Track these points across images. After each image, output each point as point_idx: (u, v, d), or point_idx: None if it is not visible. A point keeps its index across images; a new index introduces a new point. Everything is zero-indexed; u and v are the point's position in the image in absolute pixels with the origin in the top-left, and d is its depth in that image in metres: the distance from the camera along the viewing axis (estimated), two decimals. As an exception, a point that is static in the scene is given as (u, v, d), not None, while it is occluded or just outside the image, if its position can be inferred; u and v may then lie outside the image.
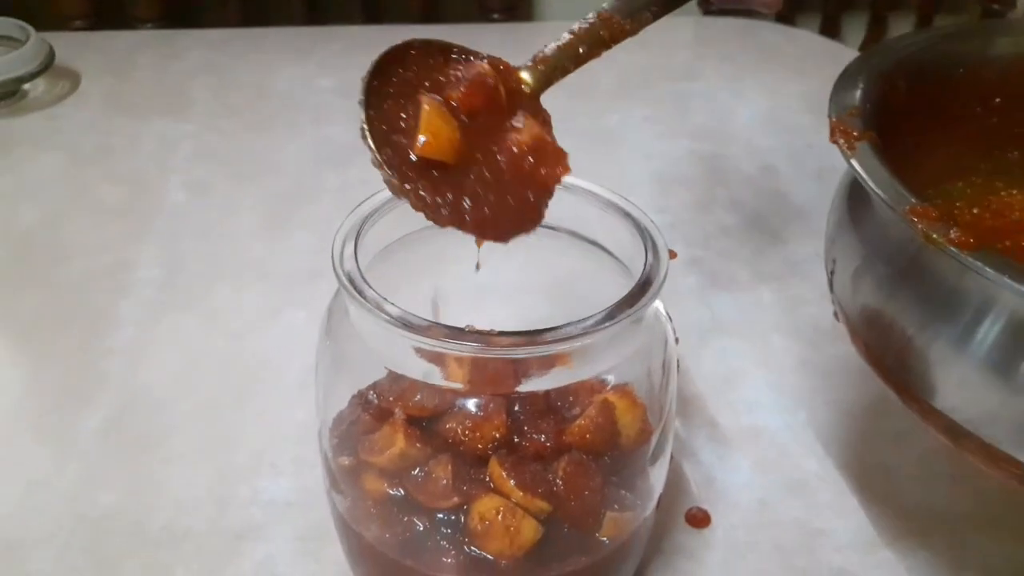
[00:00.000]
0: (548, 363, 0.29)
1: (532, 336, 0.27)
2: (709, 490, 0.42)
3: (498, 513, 0.30)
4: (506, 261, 0.39)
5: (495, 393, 0.31)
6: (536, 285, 0.40)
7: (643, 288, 0.29)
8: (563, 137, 0.73)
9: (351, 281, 0.29)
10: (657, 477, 0.34)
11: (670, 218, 0.60)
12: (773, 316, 0.52)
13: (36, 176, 0.63)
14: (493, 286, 0.40)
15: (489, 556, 0.30)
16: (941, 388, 0.30)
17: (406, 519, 0.31)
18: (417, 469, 0.31)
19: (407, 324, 0.28)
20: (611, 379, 0.35)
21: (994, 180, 0.40)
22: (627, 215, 0.32)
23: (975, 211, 0.38)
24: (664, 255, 0.30)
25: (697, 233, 0.59)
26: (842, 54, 0.83)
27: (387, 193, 0.33)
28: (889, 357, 0.32)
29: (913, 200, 0.29)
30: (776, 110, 0.74)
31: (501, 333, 0.27)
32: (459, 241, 0.37)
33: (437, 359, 0.29)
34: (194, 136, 0.68)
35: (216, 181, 0.63)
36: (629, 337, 0.30)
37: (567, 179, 0.35)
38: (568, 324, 0.27)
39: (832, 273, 0.37)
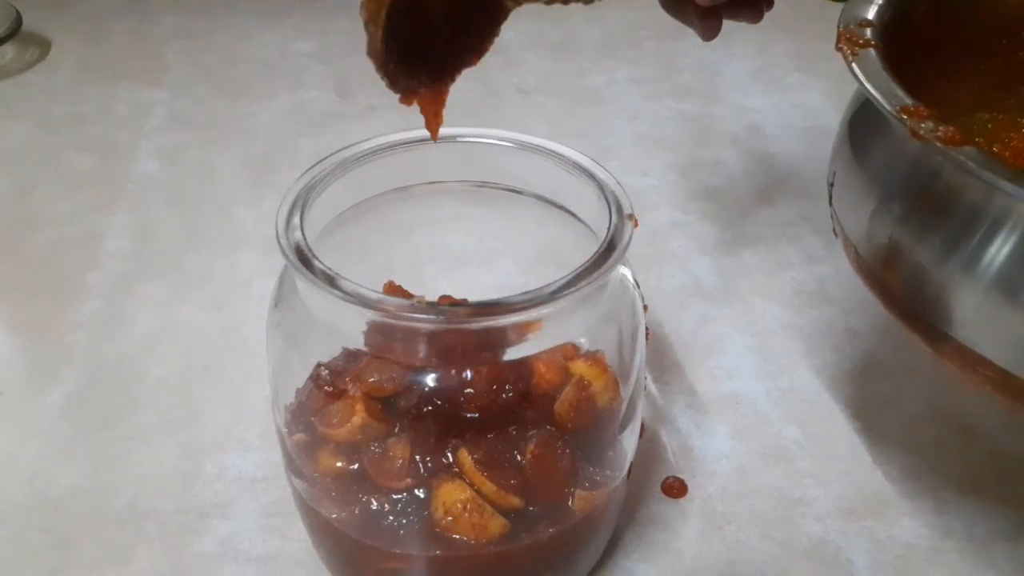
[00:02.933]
0: (509, 334, 0.28)
1: (488, 307, 0.26)
2: (686, 459, 0.41)
3: (464, 509, 0.28)
4: (475, 226, 0.38)
5: (456, 369, 0.29)
6: (506, 251, 0.39)
7: (605, 254, 0.28)
8: (546, 97, 0.72)
9: (298, 253, 0.27)
10: (627, 446, 0.33)
11: (654, 180, 0.59)
12: (756, 280, 0.51)
13: (3, 145, 0.62)
14: (462, 252, 0.38)
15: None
16: (924, 294, 0.31)
17: (364, 498, 0.30)
18: (375, 445, 0.30)
19: (360, 299, 0.26)
20: (584, 343, 0.34)
21: (1018, 117, 0.39)
22: (592, 178, 0.31)
23: (995, 148, 0.37)
24: (627, 219, 0.29)
25: (681, 195, 0.57)
26: (835, 11, 0.80)
27: (337, 158, 0.32)
28: (877, 265, 0.33)
29: (908, 101, 0.30)
30: (765, 69, 0.72)
31: (454, 304, 0.26)
32: (419, 204, 0.35)
33: (393, 335, 0.28)
34: (167, 103, 0.66)
35: (188, 148, 0.62)
36: (593, 305, 0.29)
37: (534, 140, 0.34)
38: (525, 293, 0.26)
39: (832, 185, 0.37)
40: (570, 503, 0.31)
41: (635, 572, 0.36)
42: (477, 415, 0.29)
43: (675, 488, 0.39)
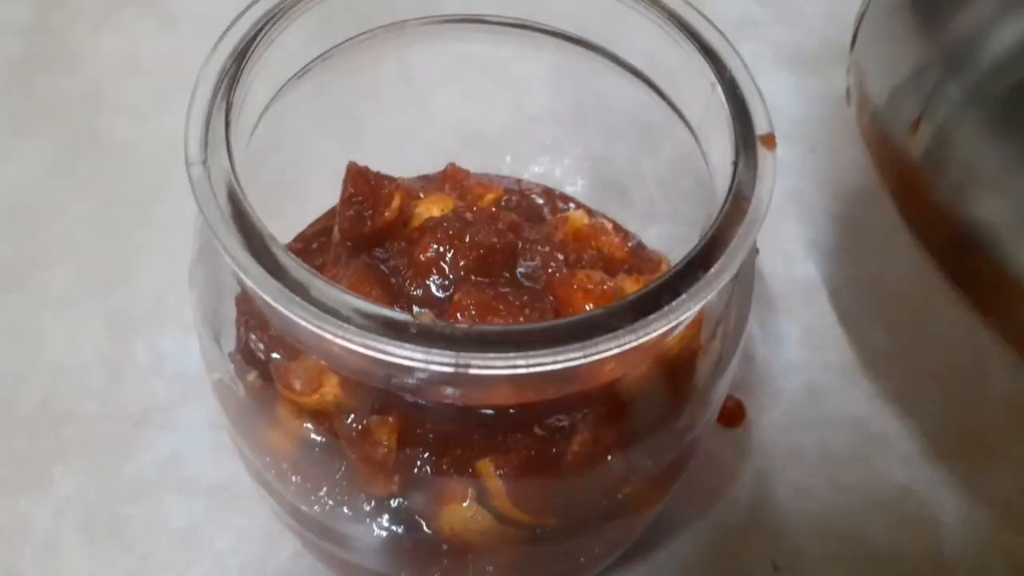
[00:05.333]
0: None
1: (527, 340, 0.16)
2: (746, 370, 0.33)
3: (482, 535, 0.20)
4: (505, 84, 0.26)
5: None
6: (548, 109, 0.27)
7: (724, 225, 0.17)
8: None
9: (232, 205, 0.16)
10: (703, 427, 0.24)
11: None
12: (847, 111, 0.40)
13: None
14: (481, 118, 0.27)
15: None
16: (974, 217, 0.21)
17: (335, 496, 0.22)
18: (350, 418, 0.21)
19: (331, 326, 0.16)
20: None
21: None
22: (710, 58, 0.19)
23: None
24: (765, 152, 0.18)
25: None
26: None
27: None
28: (908, 160, 0.23)
29: None
30: None
31: (472, 335, 0.16)
32: (421, 48, 0.24)
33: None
34: None
35: None
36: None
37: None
38: (593, 314, 0.16)
39: (860, 22, 0.27)
40: (619, 498, 0.23)
41: (681, 528, 0.29)
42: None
43: (731, 412, 0.32)
